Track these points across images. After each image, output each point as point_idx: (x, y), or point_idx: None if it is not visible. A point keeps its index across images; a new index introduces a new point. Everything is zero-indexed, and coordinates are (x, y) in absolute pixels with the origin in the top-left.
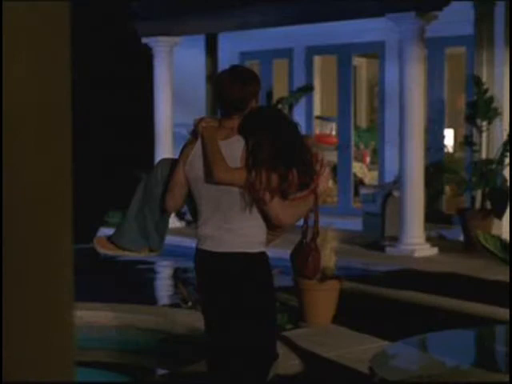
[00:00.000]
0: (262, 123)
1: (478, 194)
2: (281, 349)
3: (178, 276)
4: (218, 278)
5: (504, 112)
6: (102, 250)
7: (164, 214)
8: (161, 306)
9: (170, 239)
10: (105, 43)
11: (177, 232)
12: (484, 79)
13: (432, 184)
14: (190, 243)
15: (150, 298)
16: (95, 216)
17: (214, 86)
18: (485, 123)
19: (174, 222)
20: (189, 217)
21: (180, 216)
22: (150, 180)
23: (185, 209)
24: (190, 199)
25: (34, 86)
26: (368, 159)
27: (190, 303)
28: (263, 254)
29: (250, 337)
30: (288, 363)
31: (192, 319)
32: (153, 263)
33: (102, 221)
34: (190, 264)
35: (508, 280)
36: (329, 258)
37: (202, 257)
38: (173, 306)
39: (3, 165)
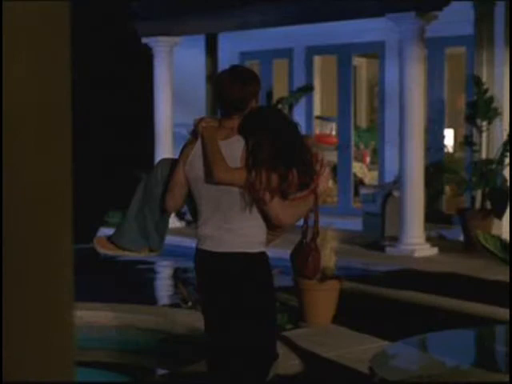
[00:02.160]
0: (262, 123)
1: (478, 194)
2: (281, 349)
3: (177, 276)
4: (218, 277)
5: (504, 112)
6: (101, 250)
7: (164, 214)
8: (161, 306)
9: (169, 239)
10: (105, 43)
11: (177, 232)
12: (484, 79)
13: (432, 184)
14: (190, 243)
15: (149, 298)
16: (95, 216)
17: (214, 86)
18: (485, 123)
19: (173, 222)
20: (189, 217)
21: (180, 216)
22: (149, 180)
23: (185, 209)
24: (190, 199)
25: (34, 86)
26: (368, 159)
27: (189, 303)
28: (263, 254)
29: (250, 337)
30: (288, 363)
31: (192, 319)
32: (153, 263)
33: (102, 221)
34: (190, 264)
35: (508, 280)
36: (329, 258)
37: (202, 257)
38: (173, 305)
39: (3, 165)
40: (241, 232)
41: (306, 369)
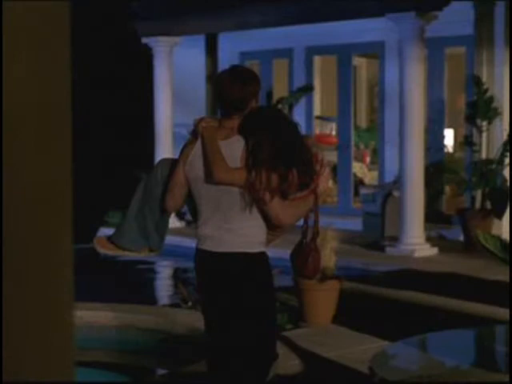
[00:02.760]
0: (262, 123)
1: (478, 194)
2: (281, 349)
3: (177, 276)
4: (218, 278)
5: (504, 112)
6: (101, 250)
7: (164, 214)
8: (161, 306)
9: (169, 239)
10: (105, 43)
11: (177, 232)
12: (484, 79)
13: (432, 184)
14: (190, 243)
15: (150, 298)
16: (95, 216)
17: (214, 86)
18: (485, 123)
19: (173, 222)
20: (189, 217)
21: (180, 216)
22: (149, 180)
23: (185, 209)
24: (190, 199)
25: (34, 86)
26: (368, 159)
27: (189, 303)
28: (263, 254)
29: (250, 337)
30: (288, 363)
31: (192, 319)
32: (153, 263)
33: (102, 221)
34: (190, 264)
35: (508, 280)
36: (329, 258)
37: (202, 257)
38: (173, 306)
39: (3, 165)
40: (241, 232)
41: (306, 369)
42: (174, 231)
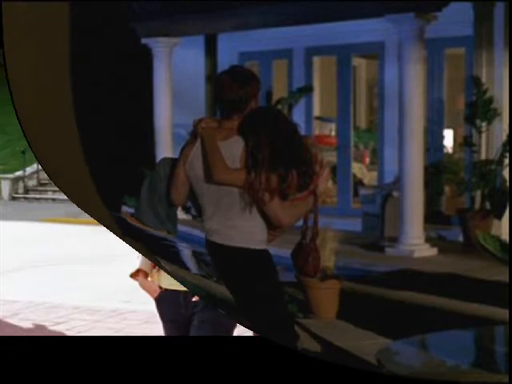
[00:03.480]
0: (262, 124)
1: (478, 194)
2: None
3: None
4: (225, 268)
5: (503, 113)
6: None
7: (172, 207)
8: None
9: (180, 228)
10: (105, 43)
11: (185, 223)
12: (483, 80)
13: (431, 184)
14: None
15: None
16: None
17: (214, 87)
18: (484, 124)
19: (181, 214)
20: (193, 211)
21: (186, 210)
22: (153, 178)
23: (189, 204)
24: (194, 195)
25: (34, 86)
26: (367, 160)
27: None
28: (265, 251)
29: (264, 324)
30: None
31: None
32: None
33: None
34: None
35: (508, 280)
36: (328, 259)
37: (211, 247)
38: None
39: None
40: (241, 230)
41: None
42: (183, 222)
